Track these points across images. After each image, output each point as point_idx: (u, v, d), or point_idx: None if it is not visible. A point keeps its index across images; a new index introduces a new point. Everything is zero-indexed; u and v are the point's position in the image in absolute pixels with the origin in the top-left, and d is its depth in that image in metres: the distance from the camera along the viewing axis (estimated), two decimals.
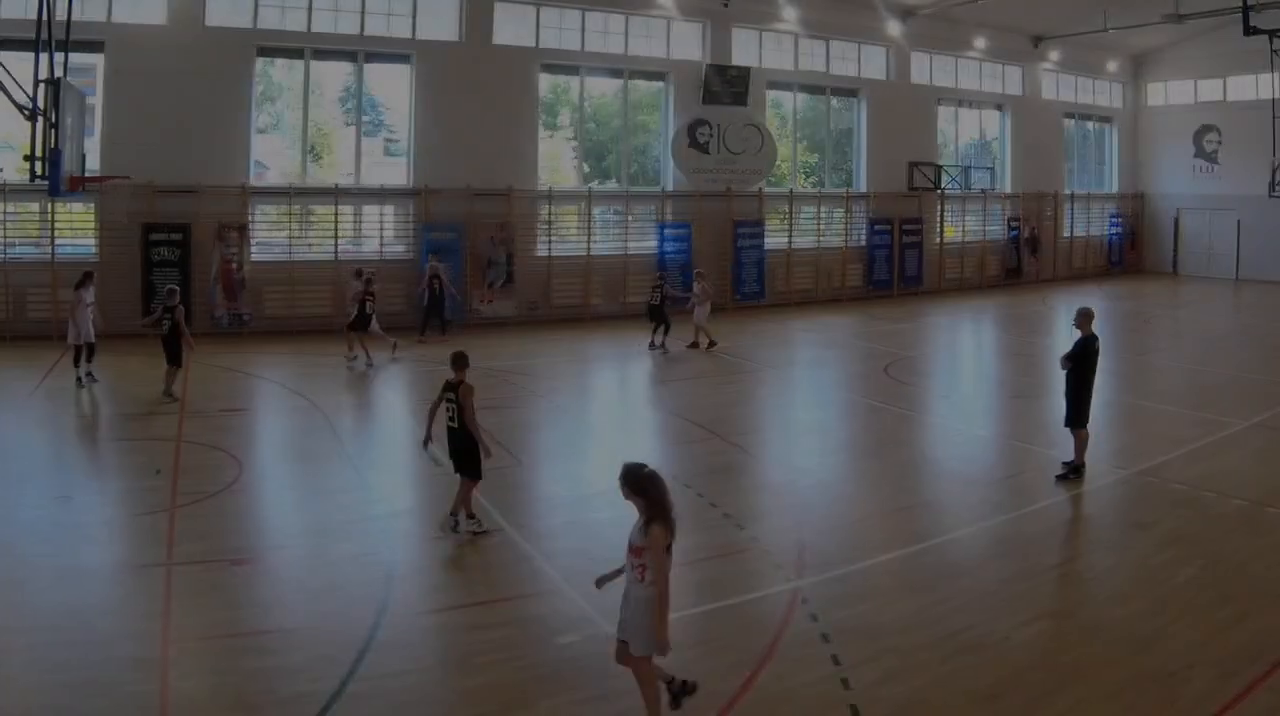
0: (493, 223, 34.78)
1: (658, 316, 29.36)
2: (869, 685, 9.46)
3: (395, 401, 23.71)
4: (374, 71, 35.08)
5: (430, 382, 22.93)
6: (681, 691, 8.90)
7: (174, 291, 22.96)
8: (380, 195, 34.44)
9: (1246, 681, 9.55)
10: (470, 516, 13.69)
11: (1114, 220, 53.71)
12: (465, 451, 13.55)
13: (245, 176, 32.17)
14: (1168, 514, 14.73)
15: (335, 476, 16.71)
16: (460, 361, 13.66)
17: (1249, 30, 35.01)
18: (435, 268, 29.83)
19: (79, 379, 23.18)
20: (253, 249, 32.18)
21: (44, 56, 20.01)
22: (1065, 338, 21.59)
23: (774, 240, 41.14)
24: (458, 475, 13.75)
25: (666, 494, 8.70)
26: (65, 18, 21.56)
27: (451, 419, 13.52)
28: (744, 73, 39.76)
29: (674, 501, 8.81)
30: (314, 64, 33.99)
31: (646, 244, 38.51)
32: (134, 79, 30.34)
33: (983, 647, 10.25)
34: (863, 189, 43.98)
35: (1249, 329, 36.25)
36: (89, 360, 23.42)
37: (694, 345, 28.83)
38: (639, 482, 8.68)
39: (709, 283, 29.61)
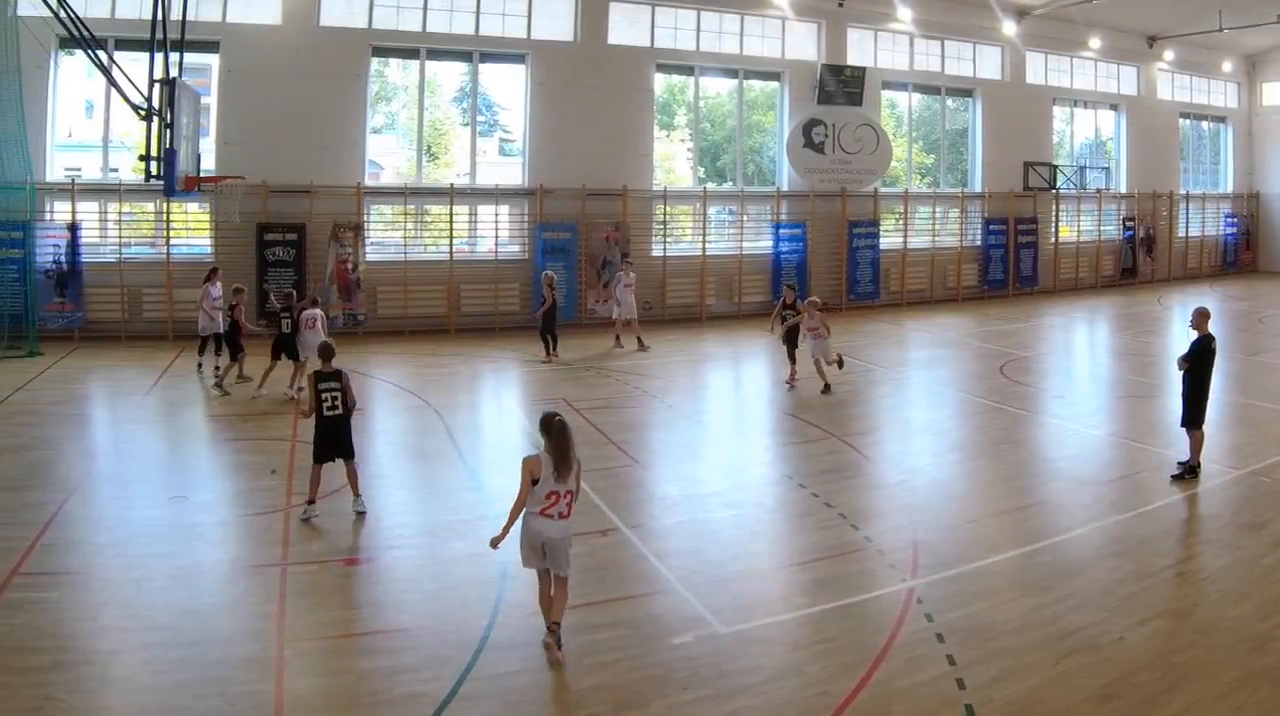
0: (607, 223, 32.73)
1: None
2: (983, 685, 9.04)
3: (509, 401, 22.46)
4: (489, 71, 33.19)
5: (544, 385, 22.76)
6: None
7: (292, 293, 22.27)
8: (495, 195, 32.31)
9: None
10: (358, 495, 13.57)
11: (1229, 220, 49.95)
12: (347, 434, 13.48)
13: (360, 176, 30.41)
14: None
15: (449, 476, 15.97)
16: (328, 351, 13.83)
17: None
18: (551, 277, 26.57)
19: (199, 365, 23.29)
20: (367, 249, 30.42)
21: (159, 57, 19.24)
22: (1180, 337, 21.96)
23: (889, 240, 38.45)
24: (340, 461, 13.52)
25: (566, 441, 9.62)
26: (180, 18, 20.65)
27: (332, 407, 13.27)
28: (859, 73, 37.07)
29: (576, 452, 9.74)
30: (429, 64, 32.21)
31: (761, 244, 36.01)
32: (248, 79, 28.85)
33: (1097, 647, 9.76)
34: (978, 189, 40.97)
35: None
36: (217, 353, 22.83)
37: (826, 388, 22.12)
38: (543, 425, 9.82)
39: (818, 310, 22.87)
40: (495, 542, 9.63)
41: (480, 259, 31.88)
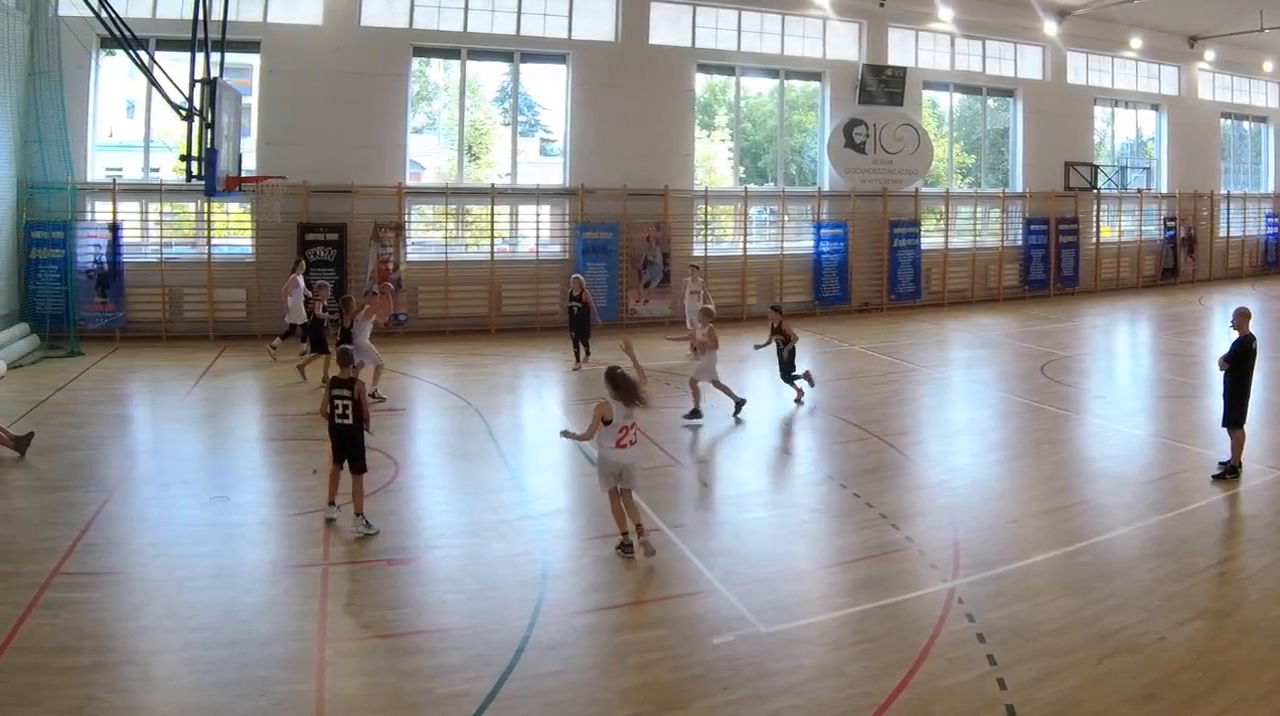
0: (648, 222, 31.85)
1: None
2: (1024, 685, 8.84)
3: (550, 402, 21.75)
4: (530, 71, 32.40)
5: (585, 386, 21.86)
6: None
7: (350, 299, 21.11)
8: (536, 195, 31.53)
9: None
10: (360, 513, 12.75)
11: (1270, 220, 48.46)
12: (359, 446, 12.73)
13: (401, 176, 29.68)
14: None
15: (490, 476, 15.63)
16: (346, 358, 13.01)
17: None
18: (581, 281, 24.78)
19: (271, 348, 23.89)
20: (408, 249, 29.65)
21: (200, 57, 18.78)
22: (1221, 337, 21.39)
23: (930, 240, 37.32)
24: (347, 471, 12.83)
25: (634, 387, 11.67)
26: (221, 18, 20.23)
27: (343, 415, 12.56)
28: (900, 73, 35.98)
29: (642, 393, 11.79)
30: (470, 64, 31.42)
31: (802, 244, 35.00)
32: (289, 79, 28.24)
33: (1138, 647, 9.55)
34: (1019, 189, 39.76)
35: None
36: (303, 339, 22.95)
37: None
38: (610, 378, 11.79)
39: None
40: (565, 435, 12.44)
41: (521, 259, 31.20)
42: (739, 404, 19.10)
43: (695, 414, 18.80)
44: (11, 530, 12.56)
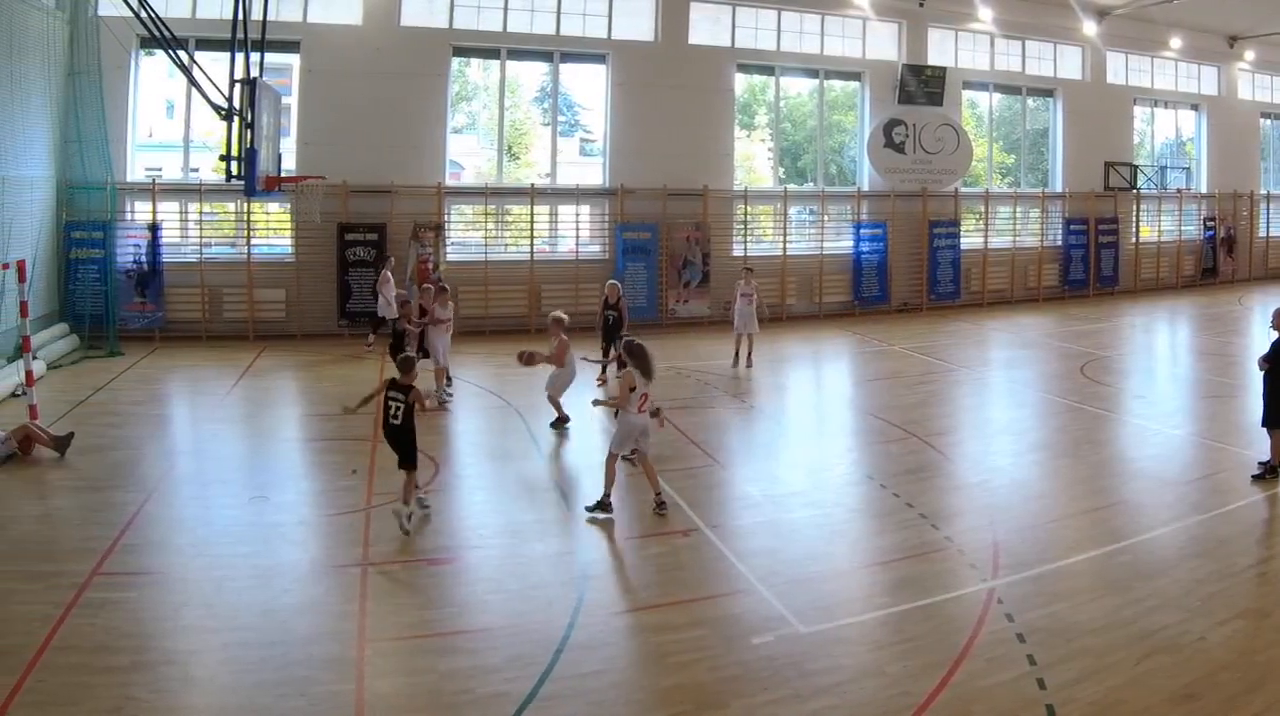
0: (688, 222, 31.00)
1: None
2: (1064, 685, 8.70)
3: (587, 404, 20.39)
4: (570, 71, 31.57)
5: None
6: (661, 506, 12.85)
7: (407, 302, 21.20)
8: (575, 195, 30.75)
9: None
10: (407, 502, 12.78)
11: None
12: (409, 444, 12.79)
13: (441, 176, 28.94)
14: None
15: (531, 476, 15.37)
16: (408, 366, 13.13)
17: None
18: (618, 288, 22.50)
19: (367, 347, 24.33)
20: (448, 249, 28.95)
21: (240, 57, 18.33)
22: (1260, 337, 21.45)
23: (969, 240, 36.23)
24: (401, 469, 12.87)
25: (648, 359, 12.85)
26: (261, 18, 19.68)
27: (395, 416, 12.71)
28: (940, 73, 34.95)
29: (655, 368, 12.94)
30: (510, 64, 30.70)
31: (842, 244, 34.05)
32: (329, 79, 27.60)
33: (1178, 647, 9.41)
34: (1058, 189, 38.65)
35: None
36: (374, 329, 23.26)
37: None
38: (629, 350, 12.85)
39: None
40: (597, 403, 14.49)
41: (561, 259, 30.46)
42: (561, 419, 17.84)
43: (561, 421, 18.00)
44: (51, 530, 12.50)
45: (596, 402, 13.82)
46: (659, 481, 13.20)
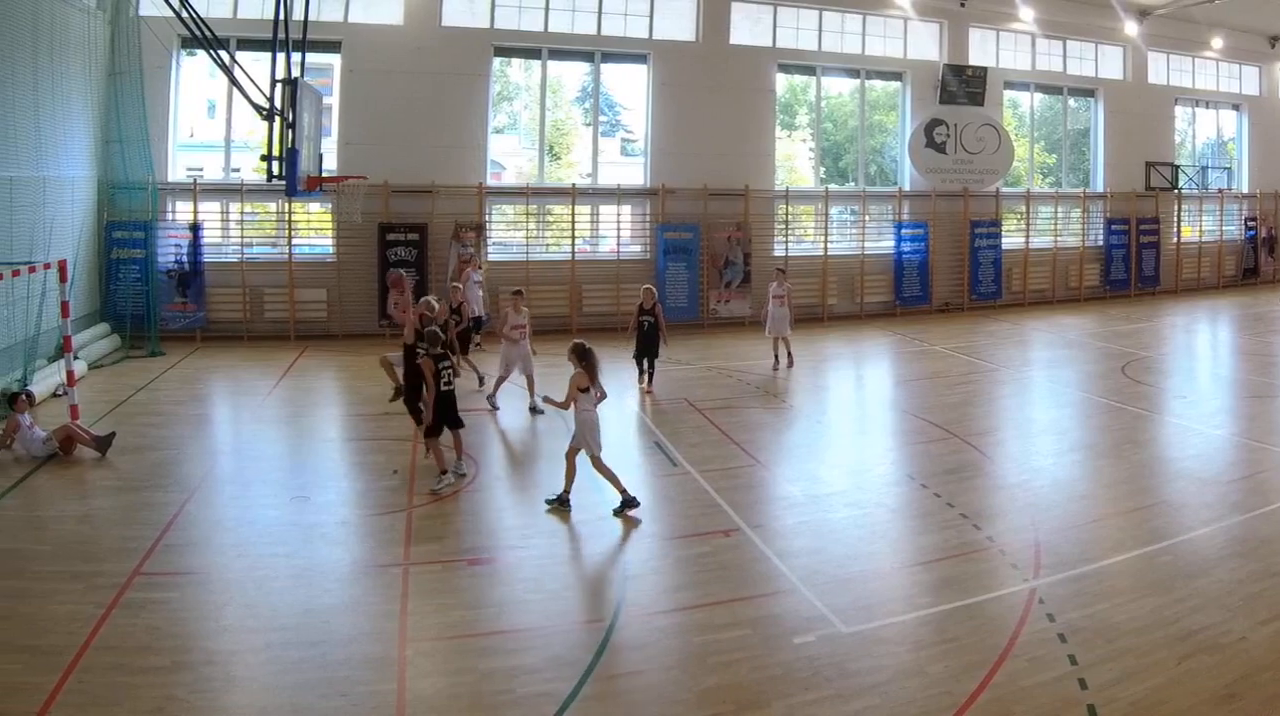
0: (729, 222, 30.22)
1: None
2: (1106, 685, 8.49)
3: (630, 402, 20.14)
4: (611, 71, 30.81)
5: (665, 386, 20.94)
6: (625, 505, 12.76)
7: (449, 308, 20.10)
8: (617, 195, 29.98)
9: None
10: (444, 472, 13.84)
11: None
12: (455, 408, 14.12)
13: (482, 176, 28.27)
14: None
15: None
16: (436, 337, 13.99)
17: None
18: (653, 293, 21.10)
19: (476, 345, 23.30)
20: (489, 249, 28.24)
21: (281, 57, 17.94)
22: None
23: (1011, 240, 35.26)
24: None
25: (595, 362, 12.93)
26: (302, 18, 19.40)
27: (448, 383, 13.91)
28: (981, 73, 33.97)
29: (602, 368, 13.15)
30: (551, 63, 29.92)
31: (883, 244, 33.21)
32: (370, 79, 27.00)
33: (1219, 647, 9.16)
34: (1100, 189, 37.64)
35: None
36: (476, 331, 22.84)
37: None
38: (578, 353, 12.93)
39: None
40: (546, 400, 13.74)
41: (602, 258, 29.71)
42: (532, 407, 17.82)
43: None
44: (93, 530, 12.27)
45: (546, 400, 13.60)
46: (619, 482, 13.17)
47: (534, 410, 18.34)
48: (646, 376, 20.53)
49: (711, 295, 30.09)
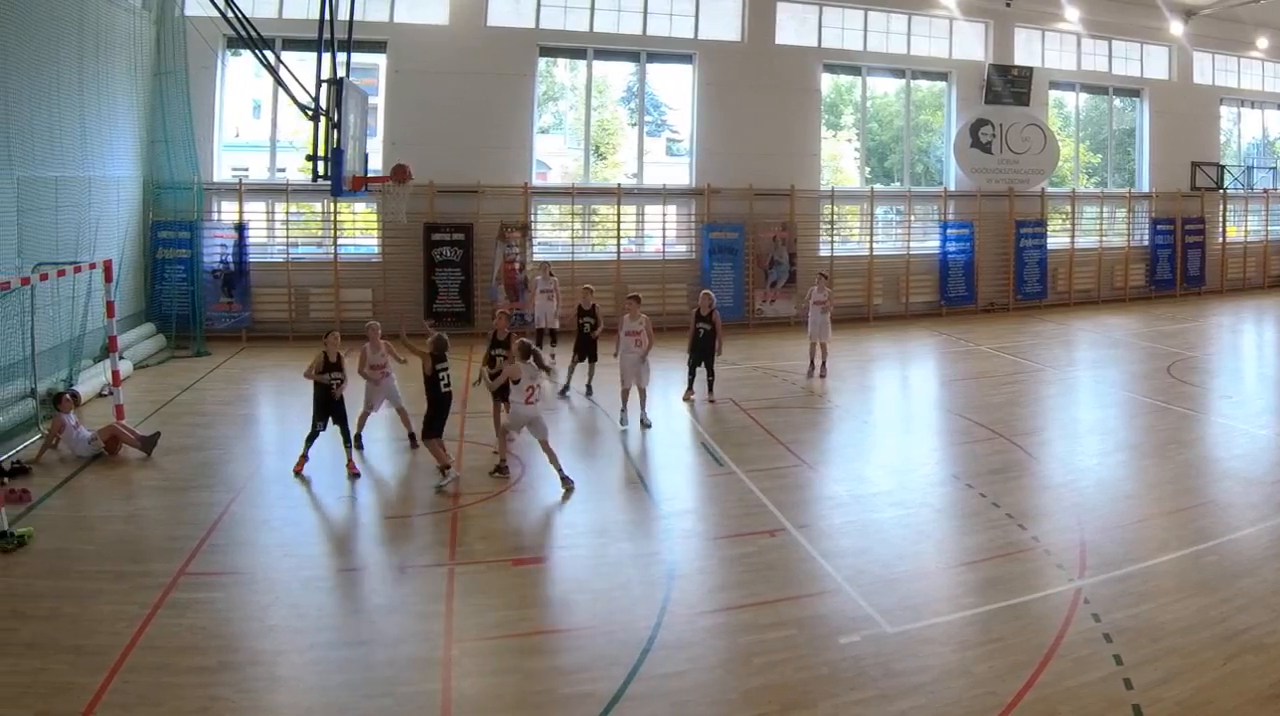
0: (774, 222, 29.23)
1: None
2: (1151, 685, 8.31)
3: (675, 401, 19.63)
4: (656, 71, 29.82)
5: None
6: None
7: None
8: (662, 195, 29.06)
9: None
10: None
11: None
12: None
13: (528, 176, 27.42)
14: None
15: (618, 476, 15.00)
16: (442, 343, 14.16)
17: None
18: (712, 298, 19.50)
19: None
20: (535, 249, 27.37)
21: (327, 57, 17.43)
22: None
23: (1056, 240, 34.11)
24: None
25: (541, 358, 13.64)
26: (348, 18, 18.76)
27: (448, 386, 14.16)
28: (1026, 73, 32.80)
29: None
30: (596, 64, 29.07)
31: (928, 244, 32.13)
32: (415, 79, 26.35)
33: (1265, 647, 8.93)
34: (1145, 189, 36.37)
35: None
36: (553, 344, 22.61)
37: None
38: (523, 350, 13.54)
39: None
40: (478, 382, 15.18)
41: (648, 258, 28.83)
42: (411, 436, 15.89)
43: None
44: (138, 530, 12.19)
45: (477, 382, 14.26)
46: (558, 463, 13.67)
47: (644, 424, 17.26)
48: (707, 385, 19.03)
49: (757, 295, 29.13)
